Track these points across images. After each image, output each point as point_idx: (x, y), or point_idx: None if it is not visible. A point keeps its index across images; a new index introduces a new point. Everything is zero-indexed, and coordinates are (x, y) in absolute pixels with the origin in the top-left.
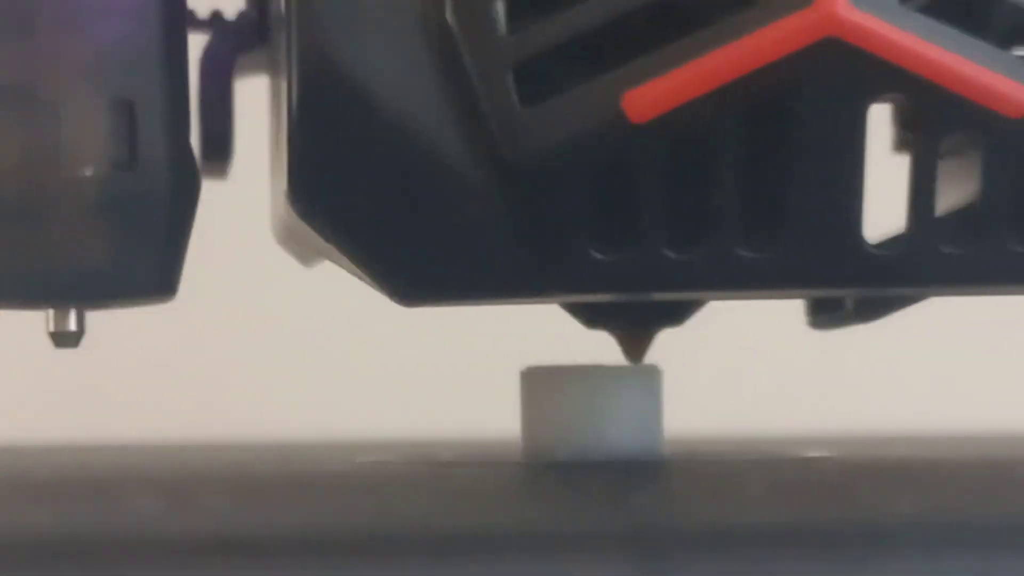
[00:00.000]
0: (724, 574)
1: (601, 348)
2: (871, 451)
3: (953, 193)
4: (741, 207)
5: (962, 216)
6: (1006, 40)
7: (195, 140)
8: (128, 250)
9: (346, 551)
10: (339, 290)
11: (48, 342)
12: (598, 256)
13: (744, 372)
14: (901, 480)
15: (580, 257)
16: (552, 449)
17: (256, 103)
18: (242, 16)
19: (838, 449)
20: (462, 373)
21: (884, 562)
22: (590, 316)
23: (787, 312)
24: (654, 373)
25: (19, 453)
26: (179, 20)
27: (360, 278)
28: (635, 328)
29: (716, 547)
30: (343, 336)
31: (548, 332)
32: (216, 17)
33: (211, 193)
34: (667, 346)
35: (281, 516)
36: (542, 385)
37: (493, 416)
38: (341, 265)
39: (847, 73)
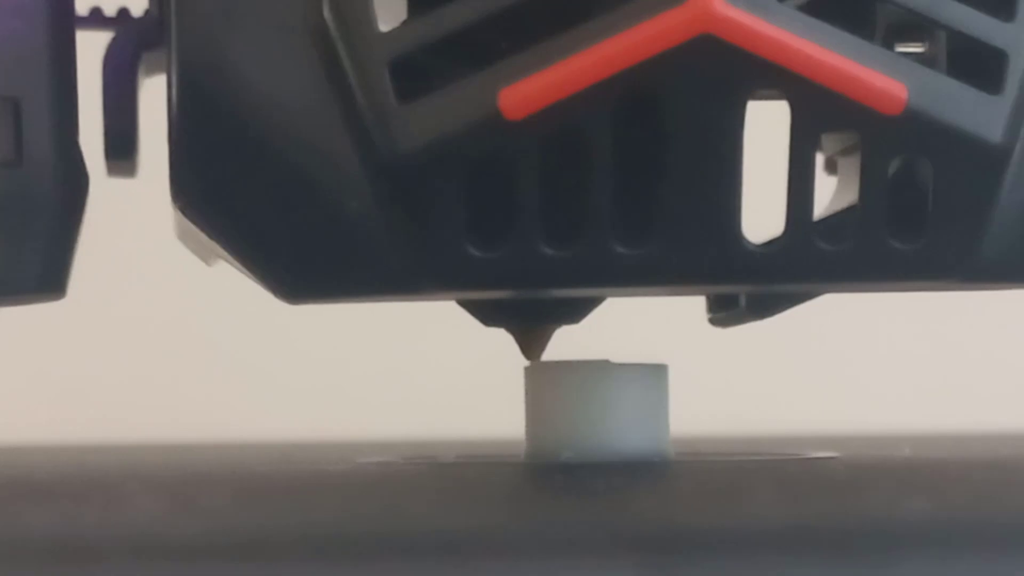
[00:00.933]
0: None
1: (609, 345)
2: (877, 451)
3: (851, 190)
4: (618, 204)
5: (846, 213)
6: (888, 37)
7: (99, 138)
8: (13, 248)
9: (346, 552)
10: None
11: (47, 341)
12: (475, 253)
13: (745, 369)
14: (910, 481)
15: (457, 254)
16: (556, 447)
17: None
18: (146, 14)
19: (843, 449)
20: (465, 369)
21: (897, 565)
22: (486, 314)
23: (791, 310)
24: (661, 369)
25: (19, 453)
26: (67, 18)
27: (246, 275)
28: (532, 325)
29: (724, 550)
30: (343, 334)
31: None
32: (121, 15)
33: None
34: (672, 343)
35: (282, 517)
36: (546, 380)
37: (498, 412)
38: (230, 263)
39: (722, 70)
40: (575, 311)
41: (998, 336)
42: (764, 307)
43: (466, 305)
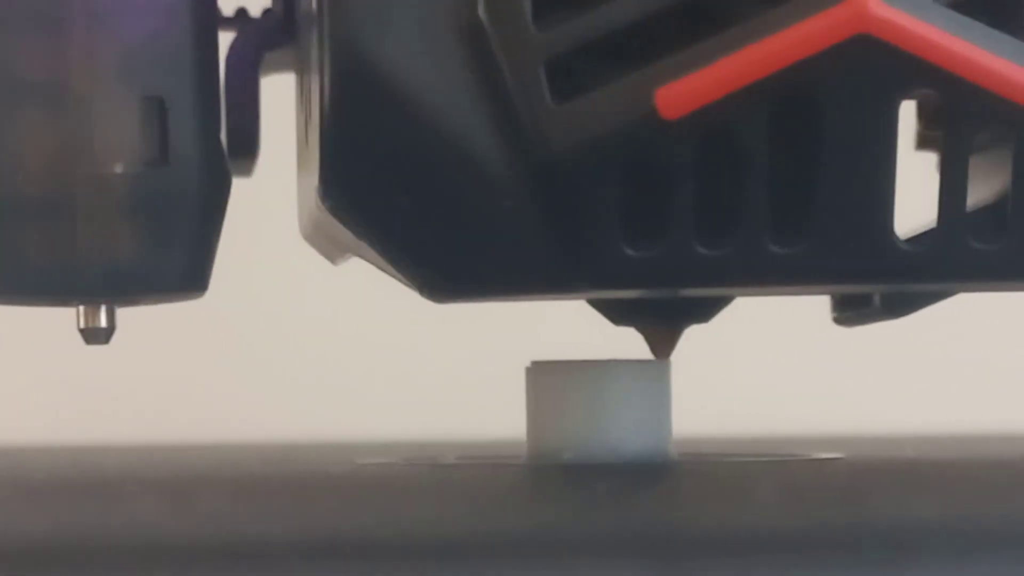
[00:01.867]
0: None
1: (607, 343)
2: (881, 452)
3: (983, 189)
4: (772, 203)
5: (993, 211)
6: None
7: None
8: (158, 246)
9: (347, 554)
10: (341, 290)
11: (47, 341)
12: (629, 252)
13: (748, 369)
14: (914, 482)
15: (612, 253)
16: (558, 448)
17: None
18: (268, 14)
19: (847, 450)
20: (466, 370)
21: (903, 567)
22: (617, 312)
23: (793, 310)
24: (662, 367)
25: (19, 453)
26: (209, 17)
27: (391, 274)
28: (662, 324)
29: (728, 551)
30: (344, 335)
31: (556, 327)
32: (241, 15)
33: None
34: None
35: (282, 518)
36: (547, 380)
37: (499, 413)
38: (371, 261)
39: (878, 69)
40: (705, 310)
41: (1002, 337)
42: (901, 306)
43: (597, 304)
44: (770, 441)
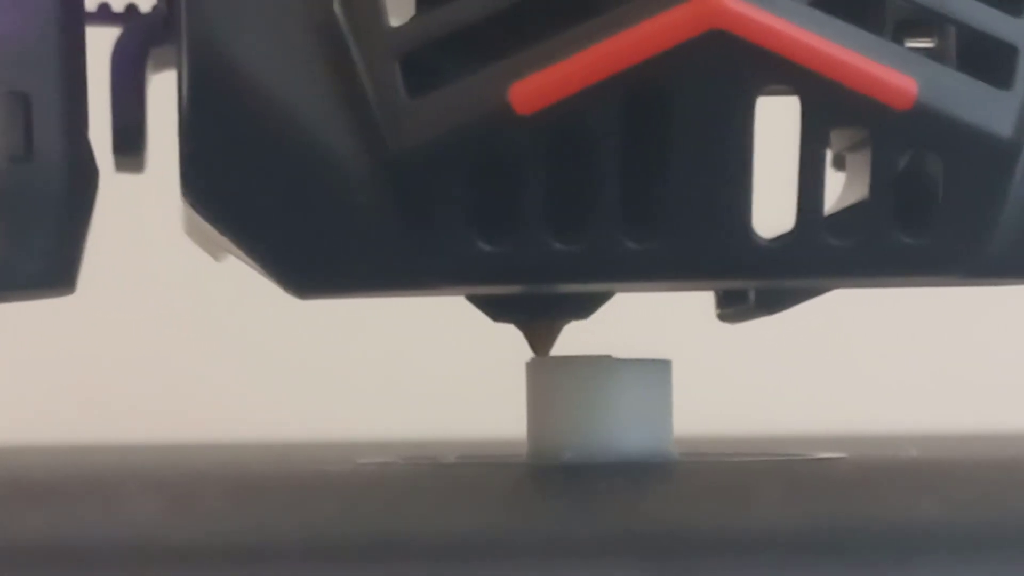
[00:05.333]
0: None
1: (613, 340)
2: (883, 452)
3: (859, 186)
4: (627, 198)
5: (855, 209)
6: (898, 32)
7: (108, 133)
8: (23, 243)
9: (346, 554)
10: None
11: (47, 341)
12: (484, 247)
13: (750, 368)
14: (918, 482)
15: (467, 248)
16: (558, 447)
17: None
18: (154, 10)
19: (849, 449)
20: (466, 368)
21: (906, 567)
22: (495, 309)
23: (796, 309)
24: (664, 365)
25: (19, 453)
26: (75, 13)
27: (256, 270)
28: (540, 321)
29: (729, 552)
30: (343, 334)
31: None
32: (130, 10)
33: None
34: (675, 340)
35: (282, 518)
36: (548, 377)
37: (500, 412)
38: (240, 258)
39: (733, 65)
40: (584, 306)
41: (1005, 335)
42: (773, 302)
43: (475, 300)
44: (772, 440)
